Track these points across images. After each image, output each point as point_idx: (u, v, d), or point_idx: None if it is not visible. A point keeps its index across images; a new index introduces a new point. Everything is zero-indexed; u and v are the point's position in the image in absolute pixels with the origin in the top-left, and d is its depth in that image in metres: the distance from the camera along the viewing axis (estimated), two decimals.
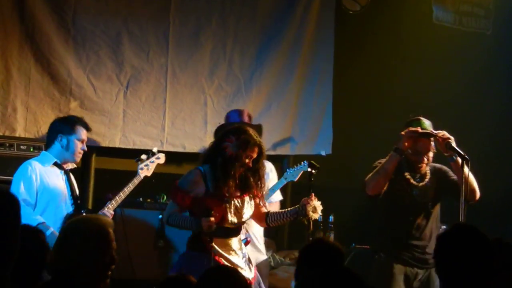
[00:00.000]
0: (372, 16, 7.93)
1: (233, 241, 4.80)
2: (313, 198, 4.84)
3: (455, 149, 5.10)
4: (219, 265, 4.43)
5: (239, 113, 6.20)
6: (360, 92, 7.88)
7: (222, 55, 7.35)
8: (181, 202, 4.69)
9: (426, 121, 5.31)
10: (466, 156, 5.03)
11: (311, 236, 4.91)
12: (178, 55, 7.16)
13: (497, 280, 3.50)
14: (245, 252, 4.90)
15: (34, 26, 6.61)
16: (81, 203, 5.46)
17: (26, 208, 4.97)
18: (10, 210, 2.73)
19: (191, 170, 4.86)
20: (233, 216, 4.73)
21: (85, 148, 5.37)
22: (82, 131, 5.33)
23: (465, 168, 5.01)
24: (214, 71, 7.31)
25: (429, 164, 5.37)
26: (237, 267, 4.48)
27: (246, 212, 4.82)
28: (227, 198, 4.70)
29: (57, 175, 5.27)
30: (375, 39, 7.91)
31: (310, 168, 5.10)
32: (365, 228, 6.27)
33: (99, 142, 6.80)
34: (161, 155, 5.70)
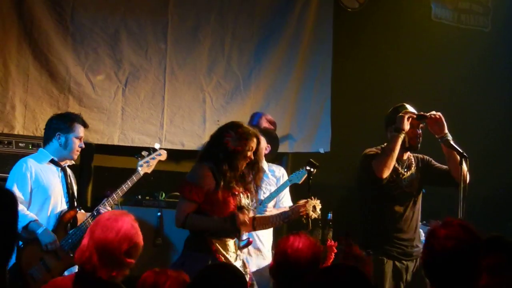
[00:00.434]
0: (371, 14, 7.93)
1: (231, 243, 4.76)
2: (312, 199, 4.84)
3: (454, 147, 5.11)
4: (219, 262, 4.43)
5: (258, 118, 6.23)
6: (359, 90, 7.88)
7: (221, 52, 7.34)
8: (197, 198, 4.62)
9: (410, 107, 5.36)
10: (465, 154, 5.03)
11: (310, 235, 4.89)
12: (177, 53, 7.16)
13: (499, 281, 3.49)
14: (240, 255, 4.86)
15: (33, 23, 6.61)
16: (77, 201, 5.44)
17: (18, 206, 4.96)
18: (8, 207, 2.73)
19: (199, 166, 4.77)
20: None
21: (83, 146, 5.36)
22: (80, 128, 5.31)
23: (464, 166, 5.02)
24: (213, 68, 7.30)
25: (413, 154, 5.41)
26: None
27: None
28: (237, 193, 4.71)
29: (53, 173, 5.26)
30: (374, 37, 7.91)
31: (310, 167, 5.10)
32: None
33: (98, 140, 6.80)
34: (163, 152, 5.63)
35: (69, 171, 5.41)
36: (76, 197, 5.43)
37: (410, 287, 5.29)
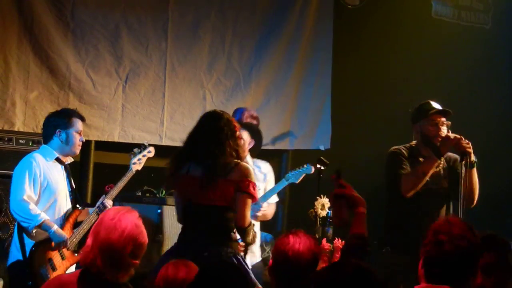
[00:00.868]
0: (371, 10, 7.92)
1: None
2: (321, 197, 4.81)
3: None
4: (220, 260, 4.42)
5: (241, 113, 6.17)
6: (359, 87, 7.87)
7: (221, 49, 7.34)
8: None
9: (436, 104, 5.26)
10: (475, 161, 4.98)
11: (316, 233, 4.88)
12: (177, 49, 7.15)
13: (494, 281, 3.50)
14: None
15: (33, 20, 6.60)
16: (79, 199, 5.44)
17: (30, 205, 4.97)
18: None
19: (247, 165, 4.53)
20: None
21: (84, 139, 5.35)
22: (79, 122, 5.29)
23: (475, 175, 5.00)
24: (213, 65, 7.30)
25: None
26: None
27: None
28: None
29: (58, 171, 5.24)
30: (374, 34, 7.90)
31: (319, 165, 5.04)
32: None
33: (98, 137, 6.80)
34: (152, 148, 5.62)
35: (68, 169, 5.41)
36: (79, 195, 5.44)
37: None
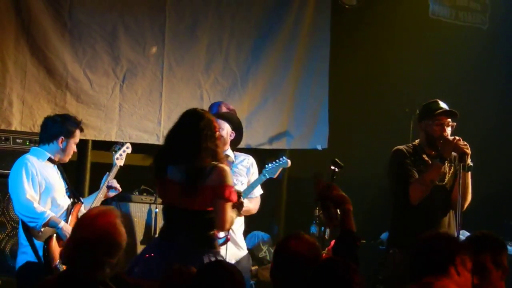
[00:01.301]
0: (369, 10, 7.94)
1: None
2: None
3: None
4: (218, 260, 4.42)
5: (217, 106, 6.12)
6: (356, 87, 7.89)
7: (218, 49, 7.34)
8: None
9: (443, 104, 5.23)
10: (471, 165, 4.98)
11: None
12: (174, 49, 7.15)
13: (489, 281, 3.52)
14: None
15: (30, 20, 6.59)
16: (76, 194, 5.45)
17: (34, 204, 5.01)
18: None
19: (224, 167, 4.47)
20: None
21: (75, 149, 5.39)
22: (78, 134, 5.35)
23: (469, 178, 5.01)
24: (210, 65, 7.30)
25: None
26: None
27: None
28: None
29: (52, 170, 5.27)
30: (372, 33, 7.91)
31: (334, 166, 5.00)
32: (362, 222, 6.25)
33: (95, 136, 6.80)
34: (129, 145, 5.65)
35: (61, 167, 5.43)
36: (75, 191, 5.47)
37: None
